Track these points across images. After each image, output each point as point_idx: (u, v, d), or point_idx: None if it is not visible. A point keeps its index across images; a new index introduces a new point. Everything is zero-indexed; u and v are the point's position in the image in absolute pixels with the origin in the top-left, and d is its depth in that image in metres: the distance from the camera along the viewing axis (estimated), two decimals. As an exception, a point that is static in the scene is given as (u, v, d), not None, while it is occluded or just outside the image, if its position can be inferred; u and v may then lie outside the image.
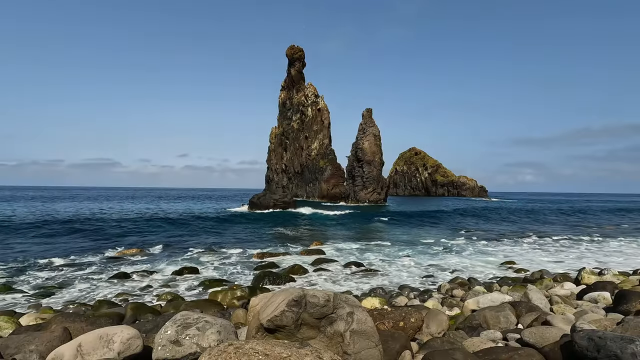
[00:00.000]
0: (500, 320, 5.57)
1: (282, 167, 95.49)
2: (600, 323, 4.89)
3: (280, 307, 3.42)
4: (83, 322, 5.87)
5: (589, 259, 18.06)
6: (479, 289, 9.91)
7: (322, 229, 27.87)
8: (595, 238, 26.43)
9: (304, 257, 17.82)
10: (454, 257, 18.00)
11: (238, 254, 18.75)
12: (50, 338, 4.22)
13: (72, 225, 28.16)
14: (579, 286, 8.98)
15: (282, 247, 20.83)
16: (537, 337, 4.36)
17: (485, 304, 6.83)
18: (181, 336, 3.35)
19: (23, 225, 26.50)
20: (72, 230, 25.51)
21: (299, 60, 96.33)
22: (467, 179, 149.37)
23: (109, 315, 7.60)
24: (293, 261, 16.68)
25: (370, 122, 76.52)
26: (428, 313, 5.81)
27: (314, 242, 22.67)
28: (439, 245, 22.72)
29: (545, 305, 6.66)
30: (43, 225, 27.39)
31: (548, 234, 29.21)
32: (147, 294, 11.27)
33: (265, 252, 18.42)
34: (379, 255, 18.82)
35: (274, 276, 12.66)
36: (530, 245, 22.85)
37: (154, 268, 15.17)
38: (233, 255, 18.45)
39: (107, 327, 3.84)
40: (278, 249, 20.17)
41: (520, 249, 21.25)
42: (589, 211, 55.66)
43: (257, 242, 22.56)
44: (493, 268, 15.77)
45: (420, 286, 12.18)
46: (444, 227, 31.55)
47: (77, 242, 19.87)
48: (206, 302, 9.40)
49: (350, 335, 3.46)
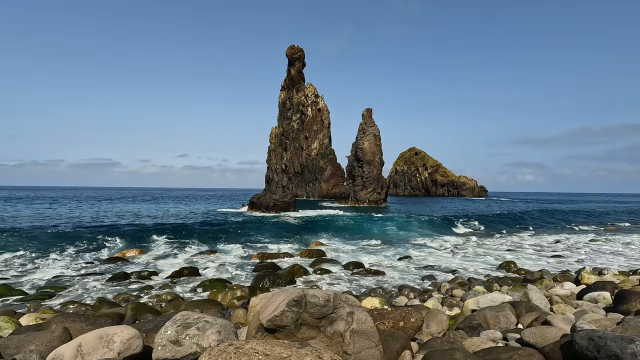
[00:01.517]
0: (500, 320, 5.58)
1: (282, 167, 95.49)
2: (600, 323, 4.89)
3: (280, 307, 3.43)
4: (83, 322, 5.86)
5: (590, 259, 18.07)
6: (479, 288, 9.92)
7: (322, 229, 27.86)
8: (596, 237, 26.42)
9: (304, 258, 17.83)
10: (454, 257, 18.01)
11: (238, 255, 18.75)
12: (50, 338, 4.22)
13: (72, 225, 28.13)
14: (579, 286, 8.98)
15: (282, 248, 20.82)
16: (537, 337, 4.36)
17: (485, 304, 6.83)
18: (181, 336, 3.35)
19: (22, 226, 26.50)
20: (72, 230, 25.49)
21: (298, 60, 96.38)
22: (467, 179, 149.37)
23: (109, 315, 7.60)
24: (293, 261, 16.69)
25: (370, 122, 76.53)
26: (428, 313, 5.81)
27: (314, 242, 22.67)
28: (439, 245, 22.73)
29: (545, 305, 6.66)
30: (43, 225, 27.38)
31: (548, 233, 29.20)
32: (147, 294, 11.27)
33: (265, 253, 18.42)
34: (379, 255, 18.82)
35: (274, 276, 12.66)
36: (530, 245, 22.85)
37: (154, 268, 15.17)
38: (233, 256, 18.46)
39: (107, 327, 3.84)
40: (278, 250, 20.17)
41: (520, 249, 21.25)
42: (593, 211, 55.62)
43: (256, 243, 22.54)
44: (493, 268, 15.77)
45: (420, 286, 12.18)
46: (444, 228, 31.55)
47: (77, 243, 19.86)
48: (206, 302, 9.40)
49: (350, 335, 3.46)
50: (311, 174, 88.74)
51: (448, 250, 20.70)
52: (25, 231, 22.39)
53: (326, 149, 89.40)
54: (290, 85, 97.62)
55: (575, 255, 19.16)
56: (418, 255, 18.91)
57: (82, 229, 24.64)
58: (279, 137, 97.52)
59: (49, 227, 25.72)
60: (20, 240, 19.68)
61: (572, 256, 18.97)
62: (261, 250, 19.68)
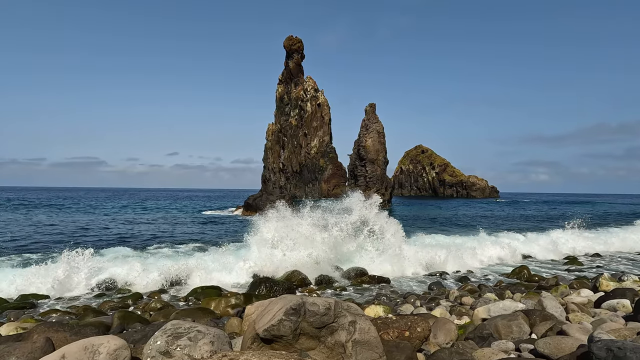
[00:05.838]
0: (513, 330, 5.58)
1: (279, 166, 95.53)
2: (620, 332, 4.89)
3: (278, 315, 3.43)
4: (67, 332, 5.87)
5: (608, 264, 18.08)
6: (489, 296, 9.92)
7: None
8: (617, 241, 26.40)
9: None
10: (463, 262, 17.99)
11: (232, 260, 18.70)
12: (31, 349, 4.23)
13: (55, 229, 28.15)
14: (596, 293, 8.98)
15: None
16: (552, 347, 4.37)
17: (497, 312, 6.83)
18: (172, 347, 3.35)
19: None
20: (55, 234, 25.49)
21: (297, 52, 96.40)
22: (477, 179, 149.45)
23: (95, 325, 7.60)
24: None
25: (373, 118, 76.60)
26: (435, 322, 5.82)
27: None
28: (447, 249, 22.68)
29: (560, 314, 6.66)
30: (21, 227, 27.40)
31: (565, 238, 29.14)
32: (135, 301, 11.27)
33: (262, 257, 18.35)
34: (383, 260, 18.78)
35: (271, 283, 12.66)
36: (546, 248, 22.82)
37: (143, 274, 15.14)
38: (227, 261, 18.41)
39: (92, 337, 3.83)
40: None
41: (535, 253, 21.21)
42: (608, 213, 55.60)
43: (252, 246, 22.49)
44: (505, 274, 15.77)
45: (427, 293, 12.18)
46: (453, 230, 31.55)
47: (59, 247, 19.87)
48: (198, 310, 9.40)
49: (352, 346, 3.46)
50: (310, 174, 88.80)
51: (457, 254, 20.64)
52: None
53: (326, 147, 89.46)
54: (288, 79, 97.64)
55: (594, 260, 19.20)
56: (425, 259, 18.84)
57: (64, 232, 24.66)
58: (276, 134, 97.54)
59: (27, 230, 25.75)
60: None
61: (589, 261, 18.98)
62: (257, 255, 19.62)
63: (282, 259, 15.01)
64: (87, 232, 26.87)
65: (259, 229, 16.74)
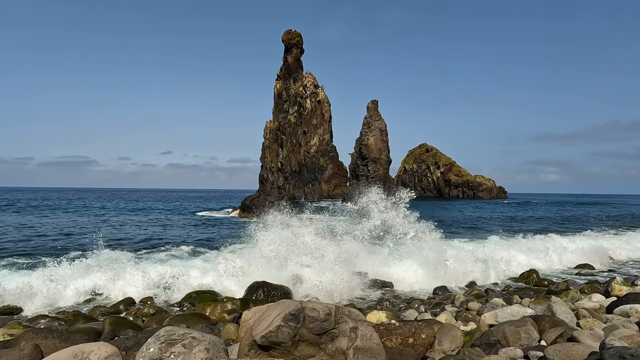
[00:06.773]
0: (521, 336, 5.58)
1: (277, 165, 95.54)
2: (633, 339, 4.90)
3: (276, 321, 3.43)
4: (56, 339, 5.87)
5: (621, 268, 18.09)
6: (497, 301, 9.92)
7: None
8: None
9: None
10: (469, 266, 17.99)
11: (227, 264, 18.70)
12: (19, 356, 4.23)
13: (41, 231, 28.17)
14: (608, 298, 8.97)
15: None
16: (562, 354, 4.37)
17: (504, 318, 6.83)
18: (165, 354, 3.35)
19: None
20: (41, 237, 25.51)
21: (296, 47, 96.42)
22: (484, 179, 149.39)
23: (85, 331, 7.60)
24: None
25: (376, 115, 76.63)
26: (440, 328, 5.82)
27: (314, 249, 22.63)
28: (452, 252, 22.67)
29: (571, 320, 6.67)
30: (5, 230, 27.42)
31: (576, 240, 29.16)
32: (127, 307, 11.27)
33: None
34: (386, 263, 18.78)
35: (269, 287, 12.66)
36: (555, 252, 22.81)
37: (135, 278, 15.14)
38: (223, 264, 18.42)
39: (82, 344, 3.84)
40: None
41: (543, 255, 21.20)
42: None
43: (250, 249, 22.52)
44: (513, 278, 15.78)
45: (431, 298, 12.19)
46: (458, 232, 31.57)
47: (48, 250, 19.89)
48: (193, 316, 9.40)
49: (353, 353, 3.47)
50: (310, 174, 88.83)
51: (462, 257, 20.64)
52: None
53: (327, 145, 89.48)
54: (287, 75, 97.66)
55: (607, 265, 19.21)
56: (429, 263, 18.85)
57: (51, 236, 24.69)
58: (274, 132, 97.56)
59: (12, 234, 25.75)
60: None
61: (601, 265, 18.99)
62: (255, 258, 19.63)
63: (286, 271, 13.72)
64: (76, 235, 26.90)
65: (257, 241, 15.43)
